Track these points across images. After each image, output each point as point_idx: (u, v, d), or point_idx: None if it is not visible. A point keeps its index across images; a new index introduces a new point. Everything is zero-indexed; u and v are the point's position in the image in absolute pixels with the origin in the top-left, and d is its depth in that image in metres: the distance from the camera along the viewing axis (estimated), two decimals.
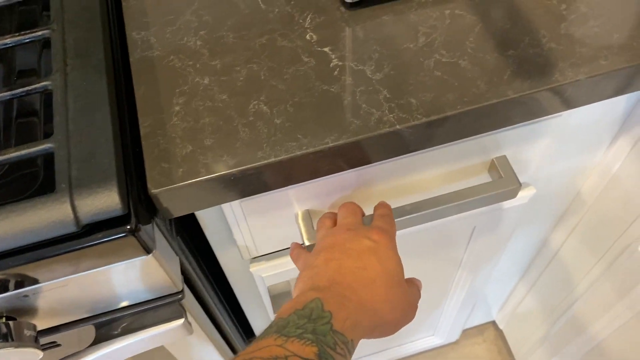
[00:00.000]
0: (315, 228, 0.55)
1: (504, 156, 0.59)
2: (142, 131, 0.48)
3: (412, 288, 0.47)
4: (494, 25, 0.52)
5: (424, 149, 0.51)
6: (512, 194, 0.58)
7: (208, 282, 0.61)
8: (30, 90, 0.46)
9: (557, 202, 0.81)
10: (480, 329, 1.38)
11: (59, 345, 0.53)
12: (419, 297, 0.48)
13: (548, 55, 0.50)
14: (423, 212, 0.56)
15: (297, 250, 0.52)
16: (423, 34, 0.52)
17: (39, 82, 0.46)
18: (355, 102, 0.48)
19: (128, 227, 0.41)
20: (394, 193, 0.60)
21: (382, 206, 0.52)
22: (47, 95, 0.46)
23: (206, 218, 0.57)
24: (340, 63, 0.51)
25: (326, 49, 0.52)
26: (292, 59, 0.51)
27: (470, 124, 0.49)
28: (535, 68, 0.49)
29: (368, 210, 0.54)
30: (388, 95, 0.49)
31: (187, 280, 0.56)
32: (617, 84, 0.51)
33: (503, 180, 0.58)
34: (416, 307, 0.46)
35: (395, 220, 0.53)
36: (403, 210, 0.56)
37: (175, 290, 0.51)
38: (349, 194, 0.58)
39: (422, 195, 0.58)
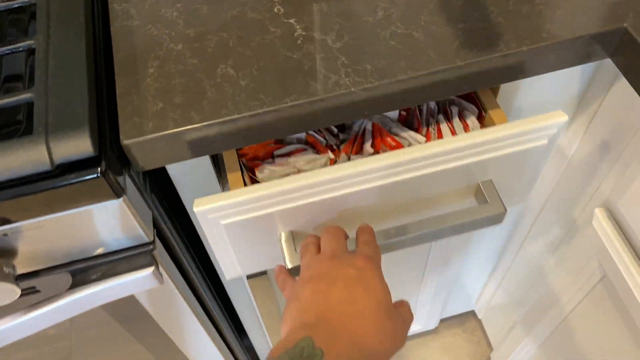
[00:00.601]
0: (297, 251, 0.54)
1: (490, 180, 0.58)
2: (118, 90, 0.52)
3: (402, 309, 0.46)
4: (448, 1, 0.56)
5: (378, 113, 0.55)
6: (498, 219, 0.57)
7: (182, 241, 0.65)
8: (16, 48, 0.50)
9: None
10: (461, 319, 1.41)
11: (38, 291, 0.56)
12: (411, 318, 0.46)
13: (495, 29, 0.54)
14: (408, 236, 0.55)
15: (283, 277, 0.51)
16: (382, 8, 0.56)
17: (23, 42, 0.50)
18: (315, 67, 0.52)
19: (98, 169, 0.45)
20: (378, 215, 0.59)
21: (364, 231, 0.51)
22: (30, 53, 0.50)
23: (182, 183, 0.61)
24: (303, 33, 0.55)
25: (292, 21, 0.56)
26: (260, 29, 0.56)
27: (421, 90, 0.53)
28: (482, 40, 0.53)
29: (352, 232, 0.54)
30: (346, 62, 0.53)
31: (161, 236, 0.59)
32: (558, 56, 0.55)
33: (489, 206, 0.57)
34: (407, 331, 0.45)
35: (379, 243, 0.52)
36: (387, 234, 0.55)
37: (146, 241, 0.55)
38: (333, 216, 0.57)
39: (406, 218, 0.58)
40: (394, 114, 0.62)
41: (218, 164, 0.64)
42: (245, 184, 0.57)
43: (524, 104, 0.68)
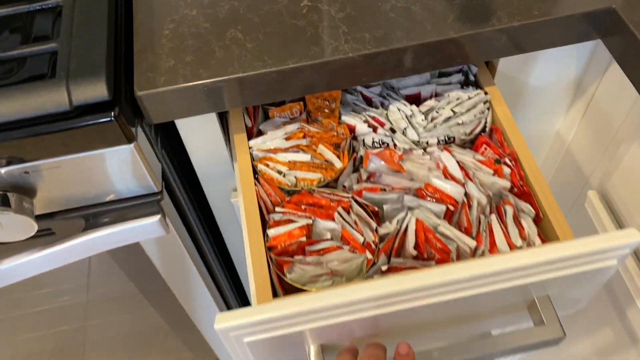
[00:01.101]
0: None
1: (547, 296, 0.51)
2: (135, 48, 0.56)
3: None
4: None
5: (375, 80, 0.58)
6: (554, 343, 0.51)
7: (189, 198, 0.69)
8: (45, 5, 0.55)
9: None
10: None
11: (53, 233, 0.61)
12: None
13: (489, 5, 0.57)
14: None
15: None
16: None
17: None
18: (317, 34, 0.56)
19: (112, 113, 0.49)
20: (419, 330, 0.54)
21: (403, 354, 0.46)
22: (58, 14, 0.55)
23: (190, 144, 0.65)
24: (309, 4, 0.59)
25: None
26: None
27: (416, 59, 0.57)
28: (475, 15, 0.57)
29: (390, 346, 0.49)
30: (346, 30, 0.56)
31: (168, 190, 0.64)
32: (549, 34, 0.57)
33: (546, 329, 0.50)
34: None
35: None
36: (430, 357, 0.50)
37: (155, 190, 0.59)
38: (371, 332, 0.51)
39: (450, 336, 0.55)
40: (439, 208, 0.55)
41: (226, 128, 0.68)
42: (272, 283, 0.52)
43: (523, 88, 0.70)
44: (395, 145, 0.60)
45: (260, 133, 0.62)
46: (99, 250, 0.61)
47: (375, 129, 0.60)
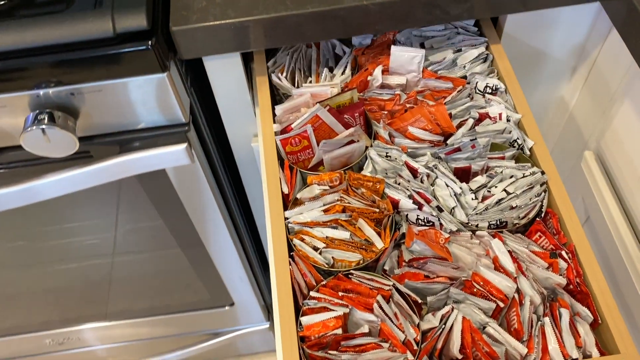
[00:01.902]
0: None
1: None
2: None
3: None
4: None
5: (388, 29, 0.64)
6: None
7: (213, 136, 0.76)
8: None
9: None
10: None
11: (91, 156, 0.69)
12: None
13: None
14: None
15: None
16: None
17: None
18: None
19: (149, 42, 0.57)
20: None
21: None
22: None
23: (217, 86, 0.72)
24: None
25: None
26: None
27: (426, 9, 0.62)
28: None
29: None
30: None
31: (194, 125, 0.71)
32: None
33: None
34: None
35: None
36: None
37: (183, 121, 0.67)
38: None
39: None
40: (488, 305, 0.50)
41: (250, 76, 0.75)
42: None
43: (529, 52, 0.75)
44: (441, 225, 0.55)
45: (296, 202, 0.59)
46: (130, 173, 0.68)
47: (420, 206, 0.55)
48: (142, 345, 1.22)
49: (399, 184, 0.57)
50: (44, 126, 0.60)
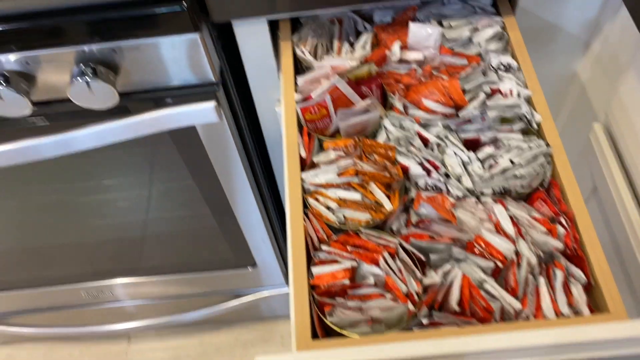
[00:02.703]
0: None
1: None
2: None
3: None
4: None
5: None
6: None
7: (239, 98, 0.81)
8: None
9: None
10: None
11: (129, 111, 0.74)
12: None
13: None
14: None
15: None
16: None
17: None
18: None
19: (183, 2, 0.61)
20: None
21: None
22: None
23: (245, 50, 0.76)
24: None
25: None
26: None
27: None
28: None
29: None
30: None
31: (223, 86, 0.76)
32: None
33: None
34: None
35: None
36: None
37: (213, 81, 0.71)
38: None
39: None
40: (487, 264, 0.54)
41: (276, 43, 0.78)
42: (312, 323, 0.53)
43: (543, 26, 0.77)
44: (448, 191, 0.58)
45: (313, 165, 0.62)
46: (162, 128, 0.73)
47: (429, 173, 0.59)
48: (169, 304, 1.29)
49: (409, 151, 0.61)
50: (88, 79, 0.65)
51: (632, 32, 0.70)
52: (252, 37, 0.75)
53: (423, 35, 0.67)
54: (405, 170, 0.60)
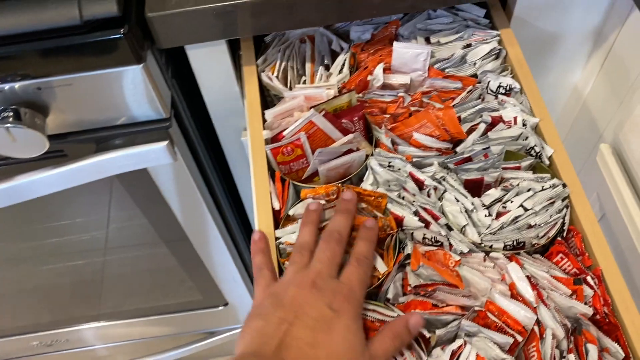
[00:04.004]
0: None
1: None
2: None
3: (378, 344, 0.42)
4: None
5: (390, 13, 0.57)
6: None
7: (197, 130, 0.70)
8: None
9: None
10: None
11: (65, 155, 0.63)
12: (393, 344, 0.43)
13: None
14: None
15: (261, 260, 0.48)
16: None
17: None
18: None
19: (122, 29, 0.50)
20: None
21: (363, 238, 0.47)
22: None
23: (201, 75, 0.65)
24: None
25: None
26: None
27: None
28: None
29: None
30: None
31: (178, 119, 0.65)
32: None
33: None
34: None
35: None
36: None
37: (163, 117, 0.60)
38: None
39: None
40: (504, 339, 0.44)
41: (238, 65, 0.68)
42: None
43: (542, 35, 0.69)
44: (450, 245, 0.49)
45: (289, 219, 0.52)
46: (108, 173, 0.62)
47: (427, 224, 0.49)
48: (136, 345, 1.18)
49: (403, 197, 0.51)
50: (8, 124, 0.54)
51: None
52: (208, 61, 0.64)
53: (409, 56, 0.57)
54: (399, 220, 0.51)
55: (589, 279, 0.46)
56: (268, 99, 0.64)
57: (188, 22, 0.55)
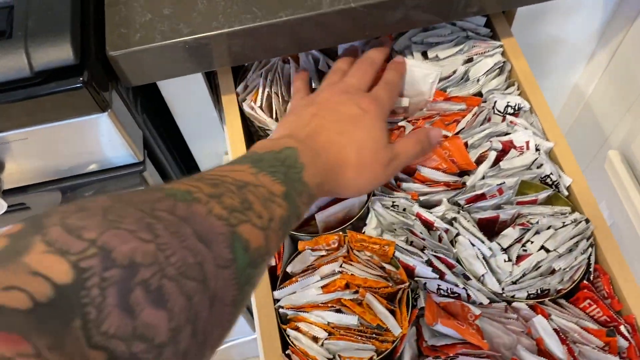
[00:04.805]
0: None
1: None
2: (106, 1, 0.49)
3: (397, 146, 0.45)
4: None
5: (380, 34, 0.52)
6: None
7: (176, 164, 0.64)
8: None
9: None
10: None
11: (27, 207, 0.56)
12: (407, 151, 0.45)
13: None
14: None
15: (300, 84, 0.52)
16: None
17: None
18: None
19: (80, 78, 0.43)
20: None
21: (393, 70, 0.51)
22: None
23: (176, 105, 0.59)
24: None
25: None
26: None
27: (427, 8, 0.50)
28: None
29: None
30: None
31: (153, 157, 0.58)
32: None
33: None
34: (395, 168, 0.44)
35: None
36: None
37: (136, 161, 0.54)
38: None
39: None
40: None
41: (214, 88, 0.61)
42: None
43: (544, 37, 0.63)
44: (468, 296, 0.45)
45: (286, 277, 0.47)
46: None
47: (442, 275, 0.45)
48: None
49: (411, 243, 0.46)
50: None
51: None
52: (182, 92, 0.57)
53: (417, 76, 0.51)
54: (409, 270, 0.46)
55: (622, 328, 0.42)
56: (252, 129, 0.58)
57: (157, 58, 0.48)
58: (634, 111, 0.63)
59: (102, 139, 0.50)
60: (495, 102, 0.52)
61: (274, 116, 0.55)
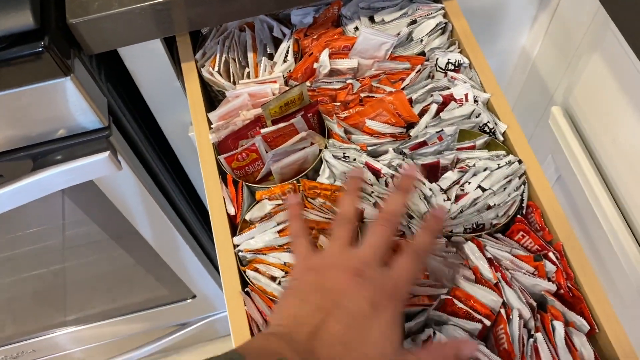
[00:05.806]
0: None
1: None
2: None
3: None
4: None
5: None
6: None
7: (141, 130, 0.66)
8: None
9: None
10: None
11: (1, 175, 0.58)
12: None
13: None
14: None
15: (299, 238, 0.43)
16: None
17: None
18: None
19: (42, 42, 0.46)
20: None
21: (428, 230, 0.42)
22: None
23: (137, 72, 0.61)
24: None
25: None
26: None
27: None
28: None
29: None
30: None
31: (118, 124, 0.61)
32: None
33: None
34: None
35: None
36: None
37: (101, 126, 0.57)
38: None
39: None
40: (473, 326, 0.44)
41: (177, 61, 0.64)
42: None
43: (487, 3, 0.67)
44: (412, 234, 0.48)
45: (246, 224, 0.50)
46: (51, 190, 0.59)
47: None
48: (110, 344, 1.16)
49: (362, 190, 0.50)
50: None
51: (588, 6, 0.61)
52: (144, 60, 0.60)
53: (374, 43, 0.55)
54: (359, 213, 0.50)
55: (550, 254, 0.47)
56: (212, 94, 0.61)
57: (116, 24, 0.51)
58: (572, 67, 0.67)
59: (68, 104, 0.52)
60: (437, 59, 0.56)
61: (231, 80, 0.58)
